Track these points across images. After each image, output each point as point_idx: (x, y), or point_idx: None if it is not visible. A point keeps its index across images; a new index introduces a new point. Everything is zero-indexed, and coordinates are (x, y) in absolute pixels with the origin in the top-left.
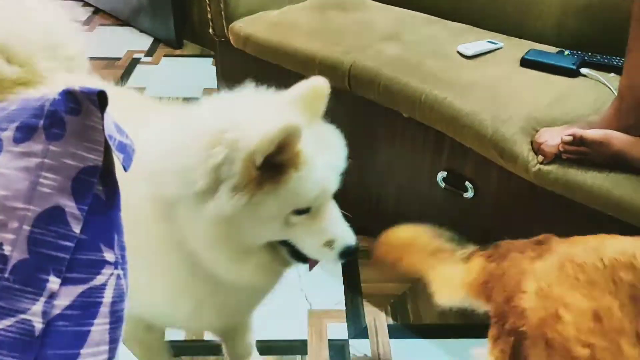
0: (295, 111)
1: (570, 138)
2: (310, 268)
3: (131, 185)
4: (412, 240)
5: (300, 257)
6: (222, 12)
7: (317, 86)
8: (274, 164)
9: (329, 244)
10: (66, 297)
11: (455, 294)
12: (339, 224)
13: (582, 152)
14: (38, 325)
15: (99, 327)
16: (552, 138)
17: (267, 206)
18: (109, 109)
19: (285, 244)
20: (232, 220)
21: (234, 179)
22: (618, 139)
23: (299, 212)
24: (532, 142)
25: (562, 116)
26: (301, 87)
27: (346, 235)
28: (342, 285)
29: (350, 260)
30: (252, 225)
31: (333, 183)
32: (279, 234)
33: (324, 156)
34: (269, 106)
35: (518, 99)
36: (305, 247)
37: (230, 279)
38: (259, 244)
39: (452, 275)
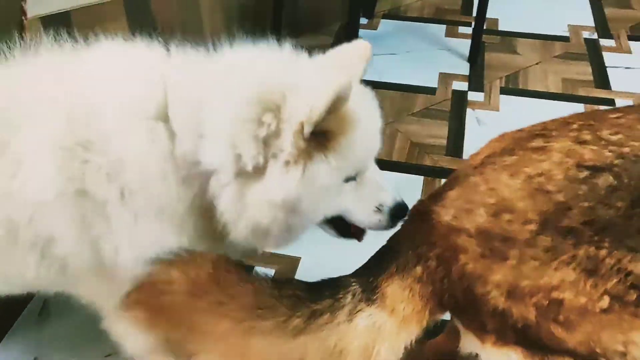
0: (335, 73)
1: None
2: (359, 239)
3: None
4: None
5: (345, 231)
6: None
7: (360, 48)
8: (320, 131)
9: (380, 207)
10: None
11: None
12: (385, 185)
13: None
14: None
15: None
16: None
17: (321, 177)
18: None
19: (330, 220)
20: (288, 202)
21: (283, 154)
22: None
23: (348, 179)
24: None
25: None
26: (340, 50)
27: (395, 196)
28: None
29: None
30: (309, 202)
31: (378, 143)
32: (334, 207)
33: (367, 116)
34: (307, 66)
35: None
36: (357, 215)
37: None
38: (315, 223)
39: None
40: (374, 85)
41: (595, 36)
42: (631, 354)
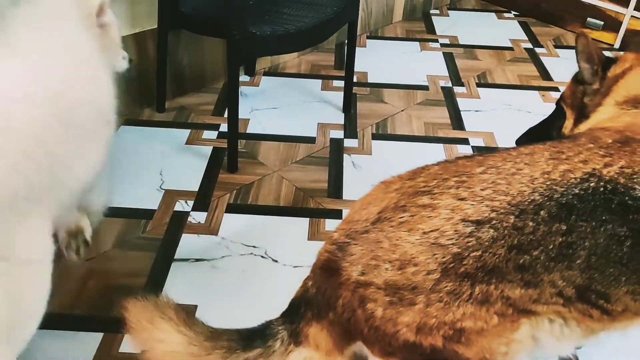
0: None
1: None
2: None
3: None
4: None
5: None
6: None
7: None
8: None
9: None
10: None
11: None
12: None
13: None
14: None
15: None
16: None
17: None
18: None
19: None
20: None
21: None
22: None
23: None
24: None
25: None
26: None
27: None
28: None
29: None
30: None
31: None
32: None
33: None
34: None
35: None
36: None
37: None
38: None
39: None
40: (260, 137)
41: (449, 84)
42: (511, 351)
